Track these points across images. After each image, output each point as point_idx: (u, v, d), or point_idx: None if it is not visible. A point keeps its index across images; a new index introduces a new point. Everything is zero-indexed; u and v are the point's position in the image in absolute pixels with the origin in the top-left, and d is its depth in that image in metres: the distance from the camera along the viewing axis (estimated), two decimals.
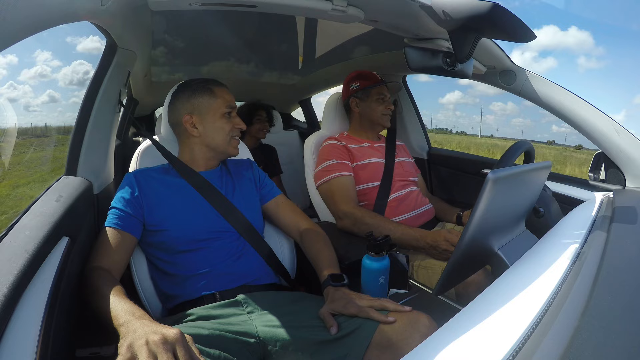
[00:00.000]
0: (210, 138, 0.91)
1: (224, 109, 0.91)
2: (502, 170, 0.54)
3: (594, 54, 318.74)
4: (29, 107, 32.16)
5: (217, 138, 0.91)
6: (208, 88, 0.91)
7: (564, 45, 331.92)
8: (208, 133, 0.90)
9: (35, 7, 0.49)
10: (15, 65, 46.34)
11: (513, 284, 0.50)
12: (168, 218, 0.82)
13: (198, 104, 0.90)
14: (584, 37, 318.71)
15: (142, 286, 0.86)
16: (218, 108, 0.90)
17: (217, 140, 0.91)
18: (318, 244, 0.90)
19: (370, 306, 0.70)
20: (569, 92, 1.14)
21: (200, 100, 0.90)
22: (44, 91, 76.11)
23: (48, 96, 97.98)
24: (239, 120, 0.94)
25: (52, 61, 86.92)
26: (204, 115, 0.90)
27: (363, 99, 1.36)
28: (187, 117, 0.90)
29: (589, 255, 0.56)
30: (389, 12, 0.90)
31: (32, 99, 41.43)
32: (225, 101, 0.92)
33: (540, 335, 0.36)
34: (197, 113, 0.90)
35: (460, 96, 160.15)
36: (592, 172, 1.20)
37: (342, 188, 1.20)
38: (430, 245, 1.03)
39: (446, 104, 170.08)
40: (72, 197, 0.75)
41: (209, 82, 0.93)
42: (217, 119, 0.90)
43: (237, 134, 0.94)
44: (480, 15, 0.71)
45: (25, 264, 0.51)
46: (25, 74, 67.11)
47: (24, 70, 67.96)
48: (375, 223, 1.11)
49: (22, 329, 0.46)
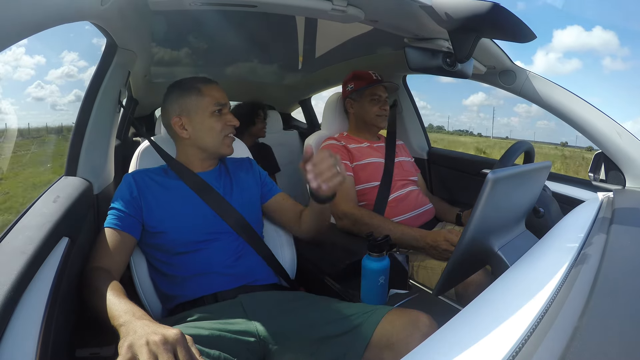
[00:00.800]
0: (201, 139, 0.89)
1: (212, 107, 0.88)
2: (502, 170, 0.54)
3: (619, 54, 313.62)
4: (56, 106, 32.39)
5: (207, 138, 0.89)
6: (195, 87, 0.89)
7: (589, 47, 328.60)
8: (198, 134, 0.88)
9: (35, 7, 0.49)
10: (42, 65, 46.43)
11: (513, 284, 0.50)
12: (166, 220, 0.82)
13: (186, 104, 0.88)
14: (609, 37, 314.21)
15: (142, 286, 0.86)
16: (206, 107, 0.88)
17: (208, 141, 0.89)
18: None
19: None
20: (569, 92, 1.14)
21: (188, 101, 0.88)
22: (70, 90, 77.06)
23: (75, 95, 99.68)
24: (230, 117, 0.90)
25: (79, 61, 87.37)
26: (192, 116, 0.88)
27: (357, 99, 1.36)
28: (175, 119, 0.88)
29: (589, 255, 0.56)
30: (389, 12, 0.90)
31: (59, 98, 41.92)
32: (214, 99, 0.89)
33: (540, 335, 0.36)
34: (186, 114, 0.88)
35: (484, 98, 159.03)
36: (592, 172, 1.21)
37: (341, 188, 1.20)
38: (430, 245, 1.03)
39: (470, 106, 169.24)
40: (72, 198, 0.75)
41: (197, 80, 0.91)
42: (206, 118, 0.88)
43: (229, 132, 0.91)
44: (480, 16, 0.71)
45: (25, 265, 0.51)
46: (52, 73, 67.44)
47: (51, 70, 68.22)
48: (374, 223, 1.11)
49: (22, 329, 0.46)
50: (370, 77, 1.35)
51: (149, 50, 1.49)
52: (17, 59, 28.48)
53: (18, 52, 31.87)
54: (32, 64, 65.91)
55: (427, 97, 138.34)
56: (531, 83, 1.20)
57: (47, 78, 53.02)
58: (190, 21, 1.38)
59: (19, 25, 0.48)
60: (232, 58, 2.03)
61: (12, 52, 15.84)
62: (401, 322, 0.66)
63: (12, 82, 13.59)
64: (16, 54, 31.30)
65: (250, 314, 0.74)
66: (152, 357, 0.45)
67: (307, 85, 2.48)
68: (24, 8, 0.46)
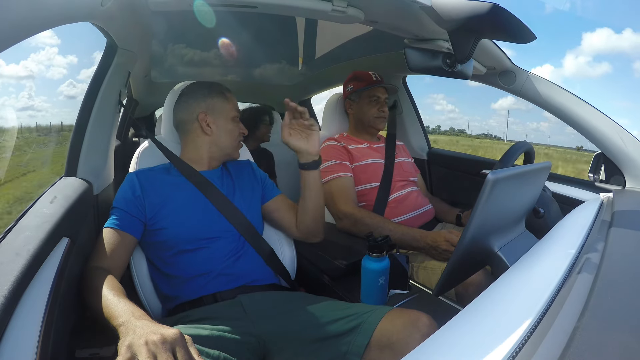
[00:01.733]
0: (222, 139, 0.94)
1: (234, 113, 0.95)
2: (502, 171, 0.54)
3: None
4: None
5: (227, 140, 0.94)
6: (221, 91, 0.95)
7: (619, 50, 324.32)
8: (220, 134, 0.93)
9: (35, 8, 0.49)
10: (74, 65, 46.67)
11: (513, 284, 0.50)
12: (170, 216, 0.82)
13: (213, 104, 0.93)
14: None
15: (142, 287, 0.86)
16: (230, 111, 0.94)
17: (227, 142, 0.94)
18: None
19: None
20: (569, 92, 1.14)
21: (215, 101, 0.93)
22: None
23: None
24: (242, 125, 0.98)
25: None
26: (217, 116, 0.93)
27: (356, 100, 1.36)
28: (202, 115, 0.91)
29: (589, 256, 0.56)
30: (389, 13, 0.90)
31: None
32: (235, 106, 0.96)
33: (540, 335, 0.36)
34: (211, 113, 0.92)
35: (513, 102, 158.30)
36: (592, 173, 1.21)
37: (341, 189, 1.20)
38: (430, 245, 1.03)
39: (499, 110, 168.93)
40: (72, 198, 0.75)
41: (221, 86, 0.97)
42: (228, 121, 0.94)
43: (242, 139, 0.99)
44: (480, 16, 0.71)
45: (26, 265, 0.51)
46: (84, 73, 67.81)
47: (82, 70, 68.37)
48: (375, 223, 1.11)
49: (22, 329, 0.46)
50: (370, 78, 1.35)
51: (149, 50, 1.49)
52: (50, 58, 28.49)
53: (51, 52, 31.13)
54: (64, 64, 65.94)
55: (455, 100, 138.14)
56: (531, 84, 1.20)
57: (79, 77, 53.66)
58: (191, 22, 1.39)
59: (19, 26, 0.48)
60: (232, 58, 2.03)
61: (46, 52, 15.44)
62: (401, 322, 0.66)
63: (46, 81, 13.75)
64: (49, 53, 30.83)
65: (250, 314, 0.74)
66: (151, 357, 0.45)
67: (307, 86, 2.48)
68: (24, 8, 0.46)
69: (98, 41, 0.94)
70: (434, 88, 37.33)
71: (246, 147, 1.15)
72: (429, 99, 54.97)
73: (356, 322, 0.69)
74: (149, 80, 1.96)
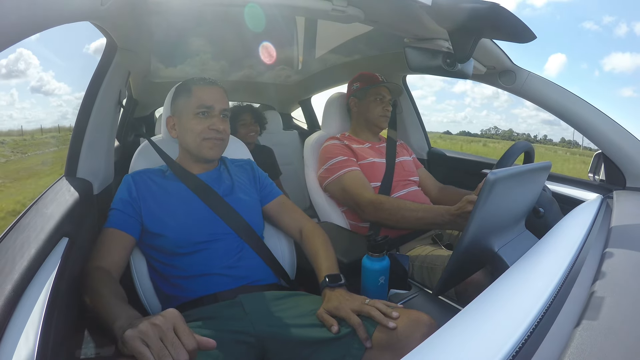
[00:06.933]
0: (183, 140, 0.89)
1: (195, 109, 0.86)
2: (502, 171, 0.54)
3: None
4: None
5: (187, 139, 0.88)
6: (187, 88, 0.89)
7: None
8: (183, 134, 0.89)
9: (35, 7, 0.49)
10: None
11: (513, 284, 0.50)
12: (166, 221, 0.82)
13: (177, 104, 0.90)
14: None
15: (142, 287, 0.86)
16: (191, 108, 0.87)
17: (189, 142, 0.88)
18: (318, 244, 0.89)
19: (358, 311, 0.68)
20: (568, 92, 1.14)
21: (179, 101, 0.90)
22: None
23: None
24: (215, 120, 0.87)
25: None
26: (180, 117, 0.89)
27: (361, 98, 1.37)
28: (169, 119, 0.91)
29: (589, 256, 0.57)
30: (389, 13, 0.90)
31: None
32: (200, 100, 0.86)
33: (540, 335, 0.36)
34: (177, 114, 0.90)
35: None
36: (592, 173, 1.21)
37: (355, 180, 1.19)
38: (456, 215, 0.93)
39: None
40: (72, 198, 0.75)
41: (194, 81, 0.90)
42: (189, 119, 0.87)
43: (210, 136, 0.87)
44: (480, 16, 0.71)
45: (25, 265, 0.51)
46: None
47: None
48: (396, 206, 1.06)
49: (22, 329, 0.46)
50: (376, 78, 1.37)
51: (149, 50, 1.49)
52: None
53: None
54: None
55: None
56: (531, 83, 1.20)
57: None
58: (190, 21, 1.39)
59: (19, 25, 0.48)
60: (232, 58, 2.03)
61: None
62: (401, 322, 0.66)
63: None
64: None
65: (250, 314, 0.74)
66: (157, 332, 0.48)
67: (307, 86, 2.48)
68: (23, 8, 0.46)
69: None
70: None
71: (245, 146, 1.15)
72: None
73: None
74: (149, 80, 1.96)
